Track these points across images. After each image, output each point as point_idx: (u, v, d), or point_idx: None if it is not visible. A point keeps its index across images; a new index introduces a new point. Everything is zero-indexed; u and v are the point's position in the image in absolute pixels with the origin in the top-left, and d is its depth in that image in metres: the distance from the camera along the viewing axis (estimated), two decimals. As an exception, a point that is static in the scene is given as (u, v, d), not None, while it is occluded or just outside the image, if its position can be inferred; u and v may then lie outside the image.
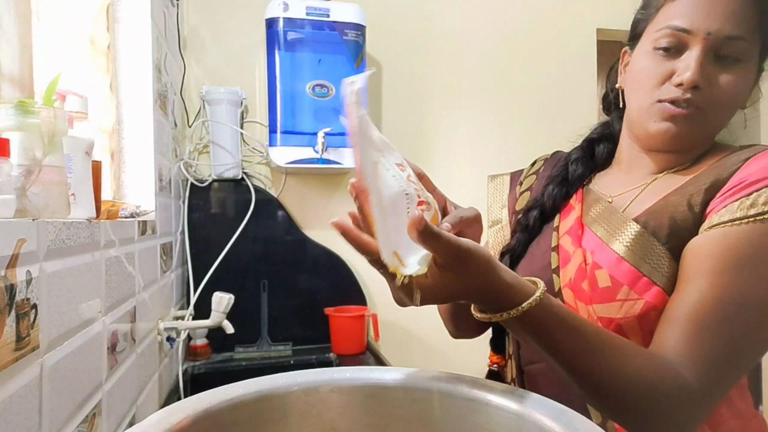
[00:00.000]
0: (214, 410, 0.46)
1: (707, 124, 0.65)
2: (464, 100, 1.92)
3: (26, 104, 0.60)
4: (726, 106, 0.64)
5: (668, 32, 0.64)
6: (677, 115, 0.63)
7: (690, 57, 0.62)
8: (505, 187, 0.89)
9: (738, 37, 0.61)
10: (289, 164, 1.57)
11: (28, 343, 0.51)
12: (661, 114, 0.65)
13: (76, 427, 0.64)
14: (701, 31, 0.61)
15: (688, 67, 0.62)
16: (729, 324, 0.55)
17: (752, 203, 0.57)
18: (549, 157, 0.88)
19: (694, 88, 0.62)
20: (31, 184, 0.59)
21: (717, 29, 0.60)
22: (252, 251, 1.66)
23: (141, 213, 1.08)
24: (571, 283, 0.68)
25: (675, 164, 0.70)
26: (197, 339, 1.57)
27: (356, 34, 1.61)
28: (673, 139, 0.65)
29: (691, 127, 0.64)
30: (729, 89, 0.62)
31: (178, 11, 1.59)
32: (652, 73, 0.65)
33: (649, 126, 0.67)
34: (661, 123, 0.65)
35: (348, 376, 0.54)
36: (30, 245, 0.52)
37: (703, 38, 0.61)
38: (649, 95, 0.66)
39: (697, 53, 0.61)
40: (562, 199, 0.76)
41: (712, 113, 0.64)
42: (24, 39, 0.75)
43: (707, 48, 0.61)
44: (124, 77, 1.17)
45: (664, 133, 0.65)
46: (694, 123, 0.64)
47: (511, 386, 0.49)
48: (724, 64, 0.62)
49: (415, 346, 1.81)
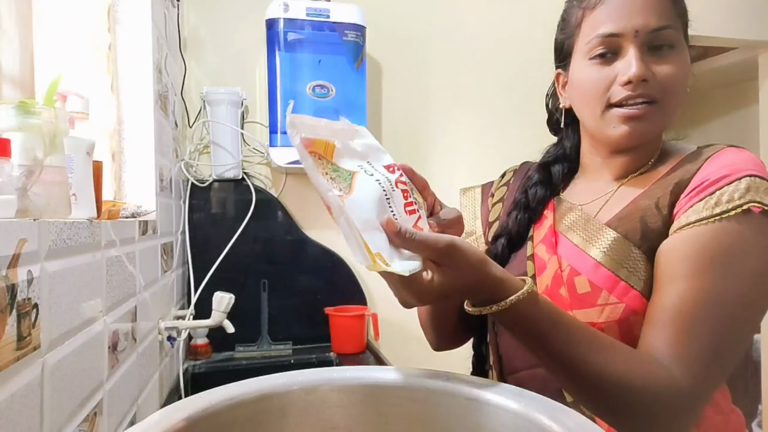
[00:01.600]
0: (214, 409, 0.46)
1: (664, 114, 0.66)
2: (464, 100, 1.92)
3: (27, 105, 0.60)
4: (676, 92, 0.65)
5: (599, 41, 0.66)
6: (633, 115, 0.65)
7: (628, 56, 0.64)
8: (477, 199, 0.91)
9: (664, 26, 0.63)
10: (290, 164, 1.57)
11: (29, 342, 0.51)
12: (618, 119, 0.66)
13: (77, 426, 0.64)
14: (629, 30, 0.63)
15: (630, 65, 0.63)
16: (711, 323, 0.56)
17: (716, 202, 0.59)
18: (518, 168, 0.90)
19: (642, 81, 0.63)
20: (32, 184, 0.59)
21: (643, 25, 0.63)
22: (252, 251, 1.66)
23: (142, 213, 1.08)
24: (548, 290, 0.69)
25: (637, 166, 0.72)
26: (198, 338, 1.57)
27: (356, 35, 1.61)
28: (639, 137, 0.67)
29: (650, 122, 0.65)
30: (673, 75, 0.64)
31: (179, 12, 1.59)
32: (596, 81, 0.67)
33: (609, 132, 0.68)
34: (621, 126, 0.66)
35: (348, 375, 0.54)
36: (31, 245, 0.52)
37: (633, 37, 0.64)
38: (599, 103, 0.67)
39: (633, 51, 0.64)
40: (527, 223, 0.78)
41: (666, 102, 0.65)
42: (25, 40, 0.75)
43: (640, 44, 0.64)
44: (125, 78, 1.17)
45: (627, 136, 0.66)
46: (652, 117, 0.65)
47: (511, 386, 0.49)
48: (661, 55, 0.64)
49: (415, 345, 1.81)
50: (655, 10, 0.63)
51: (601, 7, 0.66)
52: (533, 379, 0.69)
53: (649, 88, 0.64)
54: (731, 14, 2.18)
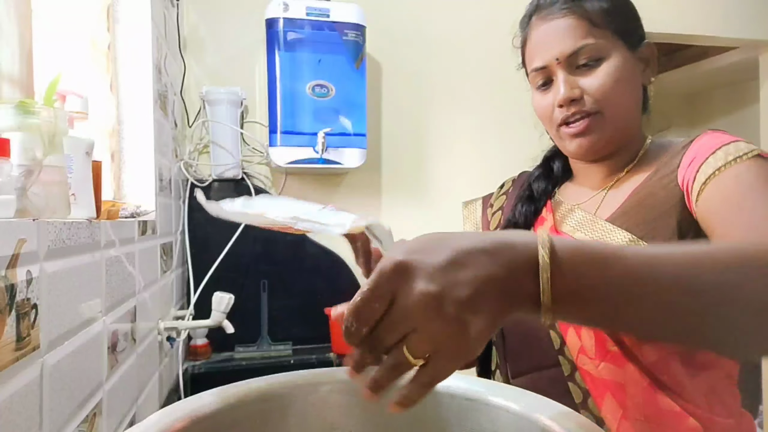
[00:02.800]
0: (214, 410, 0.46)
1: (609, 120, 0.70)
2: (464, 100, 1.92)
3: (27, 104, 0.60)
4: (614, 97, 0.69)
5: (534, 74, 0.73)
6: (576, 131, 0.70)
7: (557, 81, 0.70)
8: (477, 211, 0.93)
9: (581, 47, 0.68)
10: (289, 164, 1.57)
11: (28, 342, 0.51)
12: (566, 136, 0.72)
13: (77, 426, 0.64)
14: (551, 61, 0.70)
15: (558, 89, 0.70)
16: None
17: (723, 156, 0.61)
18: (516, 178, 0.92)
19: (573, 101, 0.69)
20: (31, 184, 0.59)
21: (560, 52, 0.69)
22: (252, 251, 1.66)
23: (141, 213, 1.08)
24: None
25: (621, 166, 0.75)
26: (197, 339, 1.57)
27: (356, 34, 1.61)
28: (589, 149, 0.71)
29: (595, 132, 0.70)
30: (604, 84, 0.68)
31: (178, 11, 1.59)
32: (543, 108, 0.74)
33: (566, 148, 0.74)
34: (572, 142, 0.72)
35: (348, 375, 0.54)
36: (30, 245, 0.52)
37: (556, 64, 0.70)
38: (550, 125, 0.74)
39: (560, 75, 0.70)
40: (533, 215, 0.80)
41: (607, 109, 0.69)
42: (24, 39, 0.75)
43: (563, 68, 0.70)
44: (125, 77, 1.17)
45: (579, 149, 0.72)
46: (596, 127, 0.70)
47: (512, 387, 0.49)
48: (588, 69, 0.69)
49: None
50: (568, 35, 0.69)
51: (529, 45, 0.74)
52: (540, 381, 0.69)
53: (583, 103, 0.69)
54: (732, 14, 2.18)
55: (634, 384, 0.64)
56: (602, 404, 0.65)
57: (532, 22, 0.74)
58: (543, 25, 0.71)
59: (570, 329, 0.69)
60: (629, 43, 0.70)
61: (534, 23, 0.73)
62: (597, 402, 0.65)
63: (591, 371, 0.66)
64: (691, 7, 2.13)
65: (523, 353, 0.74)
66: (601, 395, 0.65)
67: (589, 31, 0.68)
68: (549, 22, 0.71)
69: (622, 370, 0.64)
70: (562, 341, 0.69)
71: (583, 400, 0.66)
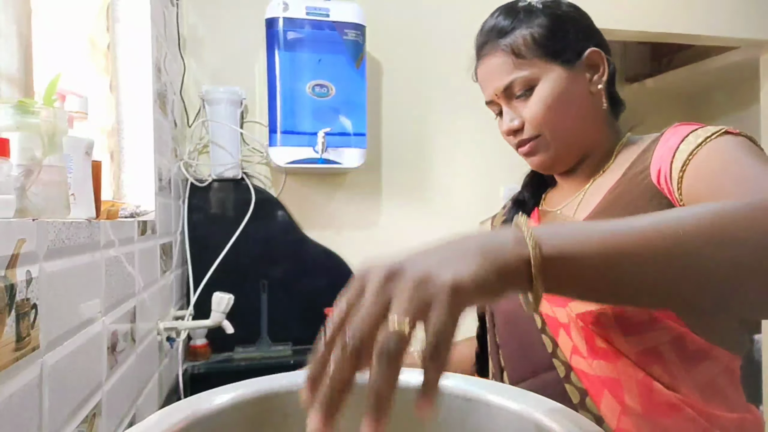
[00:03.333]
0: (214, 410, 0.46)
1: (552, 139, 0.74)
2: (464, 100, 1.91)
3: (26, 104, 0.60)
4: (549, 119, 0.73)
5: (488, 106, 0.80)
6: (526, 152, 0.77)
7: (503, 113, 0.77)
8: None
9: (511, 81, 0.73)
10: (289, 164, 1.57)
11: (28, 343, 0.51)
12: (523, 155, 0.78)
13: (76, 427, 0.64)
14: (492, 95, 0.77)
15: (503, 122, 0.77)
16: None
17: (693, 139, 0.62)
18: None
19: (515, 131, 0.76)
20: (31, 184, 0.59)
21: (496, 87, 0.75)
22: (252, 251, 1.66)
23: (141, 213, 1.08)
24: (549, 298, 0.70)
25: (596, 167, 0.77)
26: (197, 339, 1.56)
27: (356, 34, 1.61)
28: (542, 165, 0.77)
29: (543, 151, 0.75)
30: (537, 110, 0.72)
31: (178, 11, 1.59)
32: (502, 132, 0.80)
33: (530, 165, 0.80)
34: (529, 161, 0.78)
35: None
36: (30, 245, 0.52)
37: (497, 98, 0.76)
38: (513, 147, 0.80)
39: (503, 108, 0.77)
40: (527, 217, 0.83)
41: (546, 131, 0.74)
42: (24, 39, 0.75)
43: (504, 101, 0.76)
44: (124, 77, 1.17)
45: (538, 166, 0.78)
46: (540, 147, 0.75)
47: (512, 387, 0.49)
48: (525, 97, 0.74)
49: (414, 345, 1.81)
50: (498, 72, 0.74)
51: (479, 81, 0.81)
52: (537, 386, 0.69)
53: (525, 131, 0.75)
54: (732, 14, 2.18)
55: (628, 378, 0.64)
56: (600, 402, 0.65)
57: (477, 62, 0.80)
58: (481, 63, 0.78)
59: (561, 331, 0.69)
60: (564, 60, 0.73)
61: (478, 63, 0.80)
62: (595, 400, 0.65)
63: (585, 370, 0.66)
64: (692, 7, 2.13)
65: (519, 360, 0.75)
66: (599, 393, 0.65)
67: (515, 64, 0.73)
68: (484, 60, 0.77)
69: (614, 366, 0.65)
70: (554, 344, 0.70)
71: (580, 400, 0.66)
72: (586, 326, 0.66)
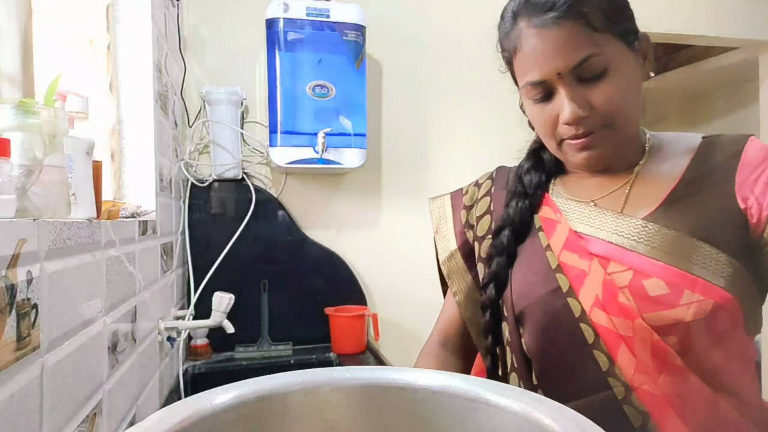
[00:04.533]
0: (214, 410, 0.46)
1: (618, 131, 0.65)
2: (464, 100, 1.92)
3: (27, 104, 0.60)
4: (623, 107, 0.64)
5: (530, 88, 0.65)
6: (585, 144, 0.65)
7: (560, 98, 0.64)
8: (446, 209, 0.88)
9: (584, 59, 0.61)
10: (290, 164, 1.57)
11: (28, 342, 0.51)
12: (572, 149, 0.67)
13: (77, 426, 0.64)
14: (552, 75, 0.63)
15: (562, 108, 0.63)
16: None
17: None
18: (495, 174, 0.86)
19: (581, 118, 0.63)
20: (31, 184, 0.59)
21: (563, 66, 0.61)
22: (252, 251, 1.66)
23: (141, 213, 1.08)
24: (601, 302, 0.63)
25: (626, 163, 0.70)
26: (198, 339, 1.57)
27: (356, 35, 1.61)
28: (599, 160, 0.67)
29: (604, 142, 0.65)
30: (611, 96, 0.62)
31: (179, 11, 1.59)
32: (543, 121, 0.67)
33: (571, 159, 0.68)
34: (579, 154, 0.67)
35: (348, 375, 0.54)
36: (31, 245, 0.52)
37: (558, 80, 0.63)
38: (552, 139, 0.68)
39: (563, 92, 0.63)
40: (529, 212, 0.75)
41: (616, 122, 0.64)
42: (24, 39, 0.75)
43: (567, 84, 0.63)
44: (125, 77, 1.17)
45: (588, 161, 0.67)
46: (604, 138, 0.65)
47: (511, 386, 0.49)
48: (593, 81, 0.62)
49: (415, 346, 1.81)
50: (569, 46, 0.61)
51: (520, 55, 0.66)
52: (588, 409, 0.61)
53: (589, 121, 0.63)
54: (732, 14, 2.18)
55: (695, 394, 0.61)
56: (665, 424, 0.60)
57: (520, 27, 0.65)
58: (538, 33, 0.62)
59: (621, 345, 0.62)
60: (628, 42, 0.64)
61: (525, 30, 0.64)
62: (659, 422, 0.60)
63: (650, 389, 0.61)
64: (692, 7, 2.13)
65: (558, 379, 0.68)
66: (663, 414, 0.60)
67: (591, 39, 0.61)
68: (545, 30, 0.62)
69: (682, 381, 0.61)
70: (611, 360, 0.63)
71: (642, 423, 0.61)
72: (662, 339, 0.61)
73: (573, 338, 0.65)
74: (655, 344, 0.61)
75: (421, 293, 1.85)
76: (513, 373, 0.73)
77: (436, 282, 0.91)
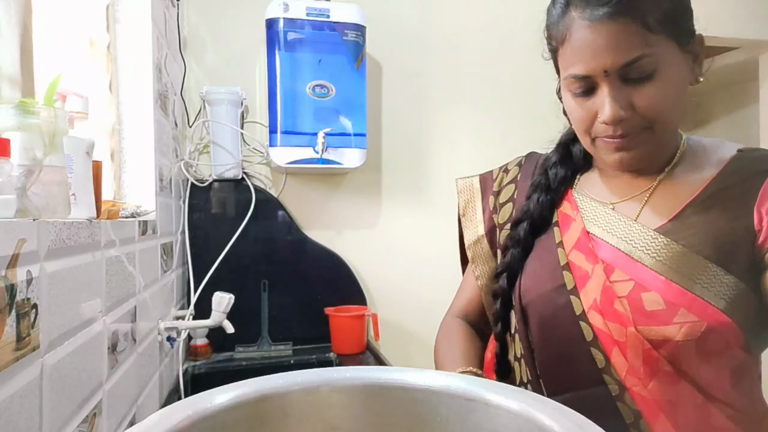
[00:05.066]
0: (214, 410, 0.46)
1: (658, 134, 0.63)
2: (464, 100, 1.92)
3: (27, 104, 0.60)
4: (665, 111, 0.62)
5: (572, 81, 0.64)
6: (620, 145, 0.63)
7: (601, 96, 0.62)
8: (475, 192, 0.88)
9: (634, 60, 0.59)
10: (290, 164, 1.57)
11: (28, 342, 0.51)
12: (607, 148, 0.65)
13: (77, 426, 0.64)
14: (598, 71, 0.61)
15: (603, 107, 0.61)
16: None
17: None
18: (524, 162, 0.85)
19: (621, 120, 0.61)
20: (31, 184, 0.59)
21: (611, 64, 0.59)
22: (252, 251, 1.66)
23: (141, 213, 1.08)
24: (598, 306, 0.65)
25: (656, 167, 0.69)
26: (197, 339, 1.57)
27: (356, 35, 1.61)
28: (633, 161, 0.65)
29: (641, 145, 0.64)
30: (655, 100, 0.61)
31: (179, 11, 1.59)
32: (580, 116, 0.65)
33: (604, 158, 0.67)
34: (613, 154, 0.65)
35: (348, 375, 0.54)
36: (30, 245, 0.52)
37: (603, 77, 0.61)
38: (587, 135, 0.67)
39: (605, 91, 0.61)
40: (550, 206, 0.75)
41: (657, 124, 0.62)
42: (24, 39, 0.75)
43: (611, 82, 0.61)
44: (125, 77, 1.17)
45: (621, 162, 0.65)
46: (642, 140, 0.63)
47: (511, 386, 0.49)
48: (638, 83, 0.61)
49: (415, 346, 1.81)
50: (621, 44, 0.59)
51: (567, 46, 0.63)
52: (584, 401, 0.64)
53: (627, 123, 0.62)
54: (732, 14, 2.18)
55: (686, 401, 0.61)
56: (655, 424, 0.62)
57: (572, 18, 0.62)
58: (589, 26, 0.60)
59: (615, 349, 0.64)
60: (681, 43, 0.61)
61: (577, 21, 0.61)
62: (649, 422, 0.62)
63: (641, 392, 0.62)
64: (692, 7, 2.13)
65: (559, 371, 0.69)
66: (654, 415, 0.62)
67: (644, 39, 0.58)
68: (598, 24, 0.59)
69: (674, 388, 0.61)
70: (607, 360, 0.64)
71: (634, 420, 0.62)
72: (654, 350, 0.61)
73: (573, 334, 0.66)
74: (646, 352, 0.62)
75: (421, 293, 1.85)
76: (521, 361, 0.74)
77: (437, 282, 0.91)
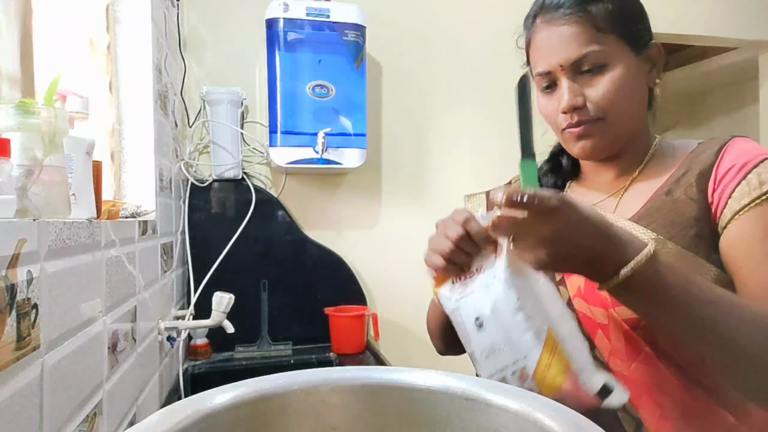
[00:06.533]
0: (214, 410, 0.46)
1: (611, 125, 0.70)
2: (464, 100, 1.92)
3: (27, 104, 0.60)
4: (616, 104, 0.68)
5: (539, 78, 0.73)
6: (580, 133, 0.71)
7: (561, 88, 0.70)
8: (483, 208, 0.92)
9: (585, 54, 0.67)
10: (290, 164, 1.57)
11: (28, 342, 0.51)
12: (571, 138, 0.72)
13: (77, 426, 0.64)
14: (555, 66, 0.69)
15: (562, 96, 0.70)
16: None
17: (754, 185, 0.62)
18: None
19: (576, 109, 0.69)
20: (31, 184, 0.59)
21: (565, 59, 0.68)
22: (252, 251, 1.66)
23: (141, 213, 1.08)
24: (582, 293, 0.69)
25: (631, 165, 0.75)
26: (198, 338, 1.57)
27: (356, 35, 1.61)
28: (593, 150, 0.72)
29: (597, 135, 0.70)
30: (608, 90, 0.68)
31: (179, 11, 1.59)
32: (547, 111, 0.74)
33: (571, 148, 0.74)
34: (576, 144, 0.72)
35: (348, 375, 0.54)
36: (31, 245, 0.52)
37: (560, 70, 0.69)
38: (555, 128, 0.74)
39: (563, 82, 0.70)
40: None
41: (610, 116, 0.69)
42: (24, 39, 0.75)
43: (567, 75, 0.69)
44: (125, 77, 1.17)
45: (584, 151, 0.72)
46: (598, 131, 0.70)
47: (512, 386, 0.49)
48: (592, 75, 0.68)
49: (415, 346, 1.81)
50: (572, 41, 0.68)
51: (533, 47, 0.73)
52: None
53: (586, 111, 0.69)
54: (731, 14, 2.18)
55: (669, 383, 0.63)
56: (640, 405, 0.64)
57: (536, 24, 0.72)
58: (547, 29, 0.70)
59: (598, 332, 0.68)
60: (635, 47, 0.69)
61: (538, 26, 0.71)
62: (635, 404, 0.65)
63: (624, 373, 0.65)
64: (691, 7, 2.13)
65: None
66: (638, 396, 0.64)
67: (593, 37, 0.67)
68: (553, 26, 0.69)
69: (655, 370, 0.64)
70: (591, 344, 0.67)
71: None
72: (632, 330, 0.65)
73: None
74: (626, 333, 0.66)
75: (421, 293, 1.85)
76: None
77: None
